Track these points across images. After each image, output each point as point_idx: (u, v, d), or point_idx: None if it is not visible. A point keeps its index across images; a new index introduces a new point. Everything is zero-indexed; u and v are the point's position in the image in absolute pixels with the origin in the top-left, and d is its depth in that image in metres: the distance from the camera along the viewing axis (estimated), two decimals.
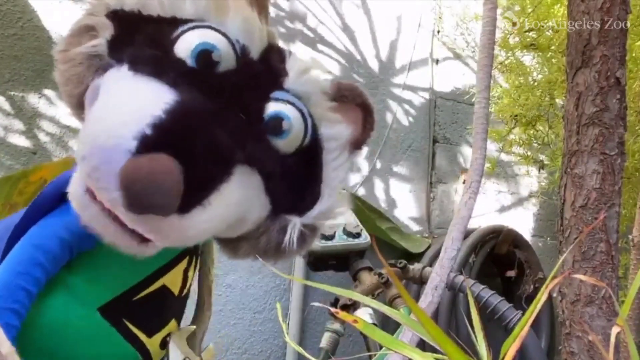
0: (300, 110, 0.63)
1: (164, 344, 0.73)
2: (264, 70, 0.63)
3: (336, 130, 0.67)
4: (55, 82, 0.61)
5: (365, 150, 0.75)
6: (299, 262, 1.76)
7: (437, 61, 2.27)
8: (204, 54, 0.58)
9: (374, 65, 2.10)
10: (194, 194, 0.50)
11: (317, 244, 1.35)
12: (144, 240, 0.54)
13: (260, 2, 0.65)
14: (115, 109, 0.50)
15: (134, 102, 0.51)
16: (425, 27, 2.24)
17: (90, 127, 0.50)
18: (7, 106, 1.43)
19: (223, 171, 0.53)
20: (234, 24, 0.61)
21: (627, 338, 0.49)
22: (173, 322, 0.74)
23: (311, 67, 0.66)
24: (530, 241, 2.15)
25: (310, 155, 0.65)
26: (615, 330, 0.49)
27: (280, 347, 1.80)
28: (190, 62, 0.58)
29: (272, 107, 0.61)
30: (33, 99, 1.45)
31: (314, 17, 1.95)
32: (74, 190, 0.53)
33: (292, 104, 0.62)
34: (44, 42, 1.47)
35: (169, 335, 0.74)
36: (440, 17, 2.25)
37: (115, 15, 0.60)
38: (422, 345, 0.55)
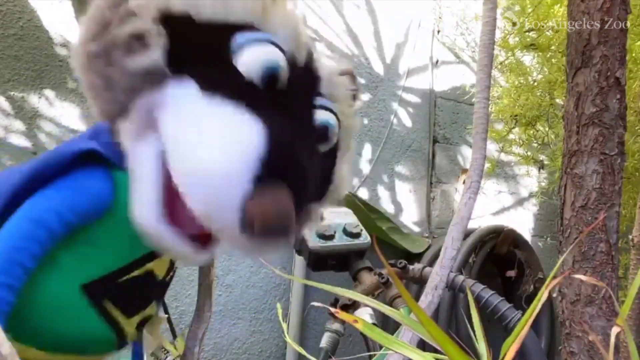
0: (335, 115, 0.65)
1: (140, 326, 0.74)
2: (309, 77, 0.64)
3: (352, 123, 0.71)
4: (55, 83, 0.61)
5: (365, 150, 0.78)
6: (299, 262, 1.76)
7: (437, 61, 2.27)
8: (271, 74, 0.58)
9: (373, 65, 2.10)
10: (299, 215, 0.57)
11: (317, 244, 1.35)
12: (204, 247, 0.60)
13: None
14: (218, 148, 0.52)
15: (233, 137, 0.53)
16: (425, 28, 2.24)
17: (197, 167, 0.52)
18: (7, 106, 1.43)
19: (316, 190, 0.62)
20: (285, 32, 0.60)
21: (627, 338, 0.49)
22: (153, 305, 0.75)
23: (335, 67, 0.69)
24: (530, 241, 2.15)
25: (333, 150, 0.68)
26: (615, 330, 0.49)
27: (280, 347, 1.80)
28: (256, 81, 0.57)
29: (319, 116, 0.64)
30: (33, 99, 1.45)
31: (314, 17, 1.95)
32: (145, 216, 0.56)
33: (330, 109, 0.65)
34: (44, 42, 1.47)
35: (146, 318, 0.75)
36: (440, 18, 2.25)
37: (164, 20, 0.57)
38: (422, 345, 0.55)
